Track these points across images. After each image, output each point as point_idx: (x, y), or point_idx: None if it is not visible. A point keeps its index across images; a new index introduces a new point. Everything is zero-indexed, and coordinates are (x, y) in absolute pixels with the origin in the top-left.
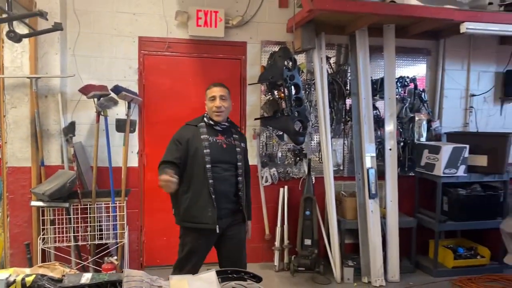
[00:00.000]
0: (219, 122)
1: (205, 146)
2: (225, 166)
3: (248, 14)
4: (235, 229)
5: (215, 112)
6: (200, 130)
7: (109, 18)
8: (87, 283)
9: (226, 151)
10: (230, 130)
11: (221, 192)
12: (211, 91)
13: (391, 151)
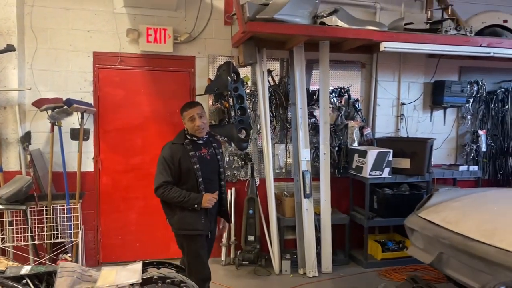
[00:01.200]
0: (202, 137)
1: (195, 162)
2: (211, 176)
3: (196, 30)
4: (213, 234)
5: (197, 130)
6: (187, 147)
7: (65, 35)
8: (26, 273)
9: (210, 162)
10: (209, 140)
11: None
12: (188, 112)
13: (325, 155)
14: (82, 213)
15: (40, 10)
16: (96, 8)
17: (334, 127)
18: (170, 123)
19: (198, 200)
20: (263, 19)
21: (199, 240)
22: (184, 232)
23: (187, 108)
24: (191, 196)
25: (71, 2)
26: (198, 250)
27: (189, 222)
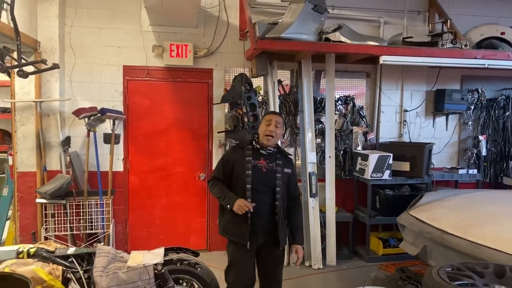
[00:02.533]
0: (266, 147)
1: (248, 167)
2: (263, 189)
3: (213, 46)
4: (269, 252)
5: (267, 135)
6: (246, 152)
7: (99, 51)
8: (72, 253)
9: (265, 175)
10: (275, 156)
11: (258, 211)
12: (269, 116)
13: (330, 158)
14: (113, 208)
15: (78, 30)
16: (126, 27)
17: (340, 132)
18: (190, 129)
19: (232, 201)
20: (271, 38)
21: (238, 247)
22: (226, 236)
23: (270, 113)
24: (228, 195)
25: (104, 22)
26: (234, 257)
27: (231, 226)
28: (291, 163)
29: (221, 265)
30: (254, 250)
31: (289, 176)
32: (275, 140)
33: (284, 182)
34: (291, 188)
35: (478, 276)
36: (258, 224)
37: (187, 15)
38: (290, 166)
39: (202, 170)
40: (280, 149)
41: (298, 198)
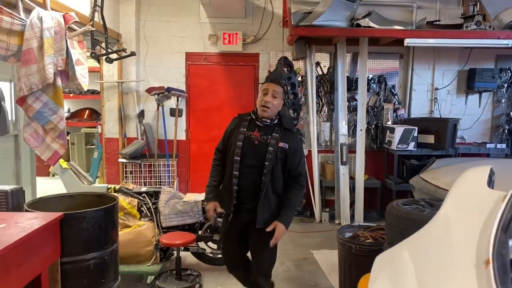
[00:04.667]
0: (262, 118)
1: (240, 138)
2: (252, 163)
3: (260, 33)
4: (252, 232)
5: (263, 106)
6: (242, 123)
7: (166, 40)
8: (144, 191)
9: (257, 147)
10: (272, 128)
11: (243, 187)
12: (266, 85)
13: (361, 131)
14: (177, 169)
15: (150, 23)
16: (188, 19)
17: (373, 108)
18: (239, 105)
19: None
20: (304, 25)
21: (226, 219)
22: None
23: (267, 81)
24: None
25: (170, 16)
26: (222, 229)
27: (222, 198)
28: (292, 138)
29: None
30: (240, 226)
31: (285, 151)
32: (272, 111)
33: (277, 157)
34: (289, 165)
35: (429, 206)
36: (243, 200)
37: (236, 8)
38: (289, 141)
39: None
40: (281, 121)
41: (299, 178)
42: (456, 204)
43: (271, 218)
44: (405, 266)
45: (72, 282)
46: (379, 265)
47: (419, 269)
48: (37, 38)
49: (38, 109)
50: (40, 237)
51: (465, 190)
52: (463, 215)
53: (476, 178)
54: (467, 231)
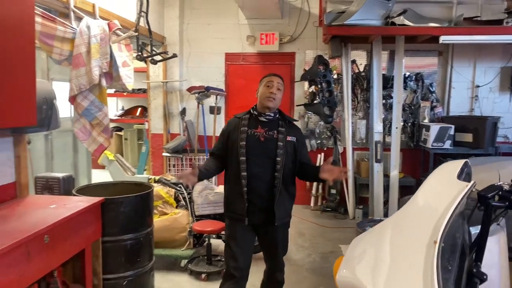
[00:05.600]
0: (265, 112)
1: (242, 138)
2: (260, 161)
3: (296, 33)
4: (266, 231)
5: (268, 97)
6: (242, 122)
7: (207, 42)
8: (180, 182)
9: (264, 144)
10: (276, 123)
11: (254, 187)
12: (270, 78)
13: (396, 129)
14: None
15: (192, 26)
16: (227, 21)
17: (410, 106)
18: None
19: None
20: (336, 25)
21: (235, 224)
22: (225, 213)
23: (270, 75)
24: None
25: (211, 19)
26: (229, 234)
27: (228, 203)
28: (296, 130)
29: (300, 214)
30: (251, 228)
31: (294, 144)
32: (276, 103)
33: (287, 152)
34: (301, 158)
35: None
36: (253, 201)
37: (271, 9)
38: (295, 134)
39: None
40: (283, 115)
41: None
42: (427, 190)
43: (287, 215)
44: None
45: (111, 259)
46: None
47: (384, 247)
48: (85, 44)
49: (86, 106)
50: (83, 217)
51: (438, 179)
52: (430, 200)
53: (450, 169)
54: (429, 214)
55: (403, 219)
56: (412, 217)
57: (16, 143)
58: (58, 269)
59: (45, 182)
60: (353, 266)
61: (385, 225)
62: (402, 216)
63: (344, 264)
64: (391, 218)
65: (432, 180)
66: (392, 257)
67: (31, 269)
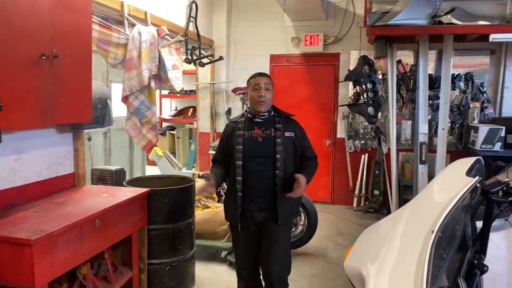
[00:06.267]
0: (259, 114)
1: (238, 142)
2: (259, 161)
3: (341, 33)
4: (271, 228)
5: (259, 101)
6: (238, 126)
7: (252, 44)
8: None
9: (262, 144)
10: (273, 120)
11: (252, 186)
12: (255, 80)
13: (443, 130)
14: None
15: (238, 30)
16: (272, 24)
17: (459, 107)
18: (319, 103)
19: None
20: (379, 25)
21: (235, 231)
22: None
23: (255, 75)
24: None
25: (257, 22)
26: (234, 240)
27: (226, 209)
28: (294, 125)
29: (342, 214)
30: (253, 229)
31: (293, 140)
32: (267, 104)
33: (286, 148)
34: (301, 151)
35: None
36: (254, 201)
37: (314, 11)
38: (293, 129)
39: (328, 137)
40: (278, 111)
41: (315, 159)
42: (436, 185)
43: (291, 213)
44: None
45: (155, 245)
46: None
47: (387, 237)
48: (136, 48)
49: (137, 106)
50: (131, 206)
51: (448, 174)
52: (435, 194)
53: (460, 166)
54: (432, 207)
55: (409, 212)
56: (417, 210)
57: (75, 138)
58: (108, 252)
59: (99, 174)
60: (357, 254)
61: (391, 217)
62: (409, 208)
63: (351, 252)
64: (398, 211)
65: (442, 175)
66: (393, 246)
67: (83, 249)
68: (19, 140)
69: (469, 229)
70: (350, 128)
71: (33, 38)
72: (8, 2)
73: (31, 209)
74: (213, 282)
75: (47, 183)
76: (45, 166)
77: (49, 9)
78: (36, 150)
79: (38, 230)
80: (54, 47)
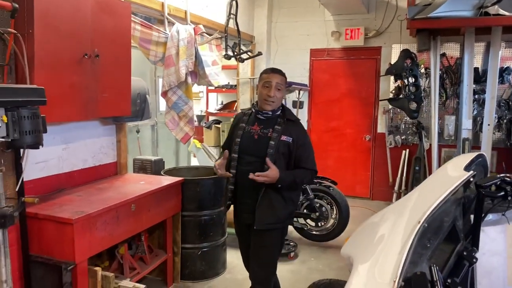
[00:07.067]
0: (264, 111)
1: (238, 135)
2: (250, 159)
3: (382, 27)
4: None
5: (266, 100)
6: (243, 118)
7: (293, 39)
8: None
9: (256, 142)
10: (275, 121)
11: (242, 185)
12: (267, 76)
13: (488, 126)
14: None
15: (279, 25)
16: (313, 19)
17: (507, 102)
18: (359, 98)
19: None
20: (419, 18)
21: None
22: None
23: (268, 71)
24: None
25: (297, 17)
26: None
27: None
28: (296, 130)
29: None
30: (244, 229)
31: (288, 145)
32: (276, 104)
33: (279, 152)
34: (297, 160)
35: None
36: (242, 200)
37: (354, 5)
38: (293, 134)
39: (368, 132)
40: (285, 112)
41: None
42: (435, 177)
43: (274, 220)
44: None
45: (189, 231)
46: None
47: (381, 226)
48: (175, 46)
49: (175, 100)
50: (165, 193)
51: (448, 168)
52: (433, 186)
53: (460, 160)
54: (427, 198)
55: (403, 203)
56: (410, 202)
57: (117, 130)
58: (145, 235)
59: (140, 163)
60: (352, 241)
61: (389, 209)
62: (405, 200)
63: (349, 240)
64: (396, 203)
65: (441, 169)
66: (382, 235)
67: (119, 230)
68: (66, 131)
69: (459, 222)
70: (391, 123)
71: (76, 39)
72: (56, 9)
73: (76, 193)
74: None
75: (92, 170)
76: (90, 155)
77: (92, 13)
78: (82, 140)
79: (79, 211)
80: (96, 47)
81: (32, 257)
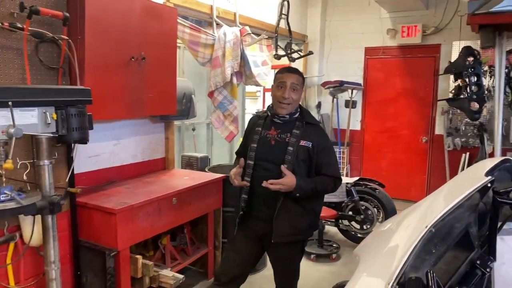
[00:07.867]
0: (279, 114)
1: (254, 140)
2: (266, 165)
3: (442, 23)
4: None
5: (281, 102)
6: (258, 121)
7: (347, 37)
8: None
9: (273, 148)
10: (292, 124)
11: (257, 193)
12: (282, 76)
13: None
14: (350, 157)
15: (333, 24)
16: (368, 16)
17: None
18: (416, 97)
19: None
20: (480, 13)
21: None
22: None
23: (283, 71)
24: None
25: (352, 15)
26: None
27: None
28: (317, 134)
29: None
30: (253, 237)
31: (308, 150)
32: (292, 107)
33: (298, 158)
34: (318, 167)
35: None
36: (258, 208)
37: (412, 1)
38: (313, 138)
39: (425, 134)
40: (303, 114)
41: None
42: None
43: (293, 232)
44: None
45: (228, 226)
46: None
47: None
48: (221, 48)
49: (221, 100)
50: (206, 188)
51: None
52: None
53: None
54: (439, 203)
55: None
56: (425, 206)
57: (166, 128)
58: (187, 228)
59: (187, 159)
60: (365, 242)
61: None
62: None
63: (363, 241)
64: (413, 206)
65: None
66: (390, 238)
67: (161, 222)
68: (117, 128)
69: (473, 229)
70: (450, 124)
71: (124, 44)
72: (105, 16)
73: (124, 186)
74: None
75: (141, 165)
76: (140, 150)
77: (139, 19)
78: (132, 137)
79: (123, 202)
80: (142, 51)
81: (81, 242)
